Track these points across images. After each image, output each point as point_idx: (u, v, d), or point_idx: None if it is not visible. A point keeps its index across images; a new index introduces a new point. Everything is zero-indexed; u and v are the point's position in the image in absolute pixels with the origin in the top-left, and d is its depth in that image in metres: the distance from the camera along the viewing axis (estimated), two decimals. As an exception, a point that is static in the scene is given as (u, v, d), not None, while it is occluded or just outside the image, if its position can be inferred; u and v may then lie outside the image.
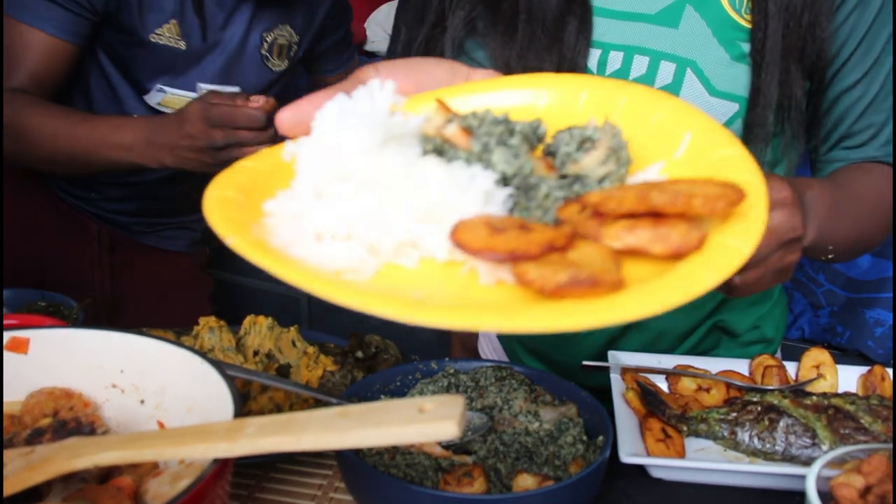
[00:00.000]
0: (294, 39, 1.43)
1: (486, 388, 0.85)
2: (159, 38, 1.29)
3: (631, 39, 0.93)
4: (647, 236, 0.43)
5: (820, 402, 0.84)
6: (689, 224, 0.43)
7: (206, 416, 0.62)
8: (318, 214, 0.46)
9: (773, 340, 1.18)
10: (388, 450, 0.75)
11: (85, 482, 0.57)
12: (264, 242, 0.45)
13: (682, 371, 0.94)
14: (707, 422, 0.85)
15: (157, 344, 0.68)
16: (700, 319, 1.14)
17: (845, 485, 0.58)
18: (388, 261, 0.46)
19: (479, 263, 0.44)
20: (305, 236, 0.46)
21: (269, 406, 0.95)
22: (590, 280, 0.40)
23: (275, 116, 0.53)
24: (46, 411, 0.64)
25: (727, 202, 0.43)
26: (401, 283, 0.44)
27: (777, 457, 0.82)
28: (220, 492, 0.55)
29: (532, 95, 0.58)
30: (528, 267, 0.41)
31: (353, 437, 0.50)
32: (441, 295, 0.44)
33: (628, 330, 1.12)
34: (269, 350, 1.06)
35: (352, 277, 0.44)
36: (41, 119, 1.20)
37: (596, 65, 0.94)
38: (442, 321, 0.39)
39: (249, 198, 0.49)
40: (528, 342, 1.23)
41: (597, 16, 0.93)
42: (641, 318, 0.39)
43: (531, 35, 0.91)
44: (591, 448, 0.77)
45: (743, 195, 0.44)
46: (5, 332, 0.67)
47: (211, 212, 0.46)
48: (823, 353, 0.94)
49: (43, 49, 1.22)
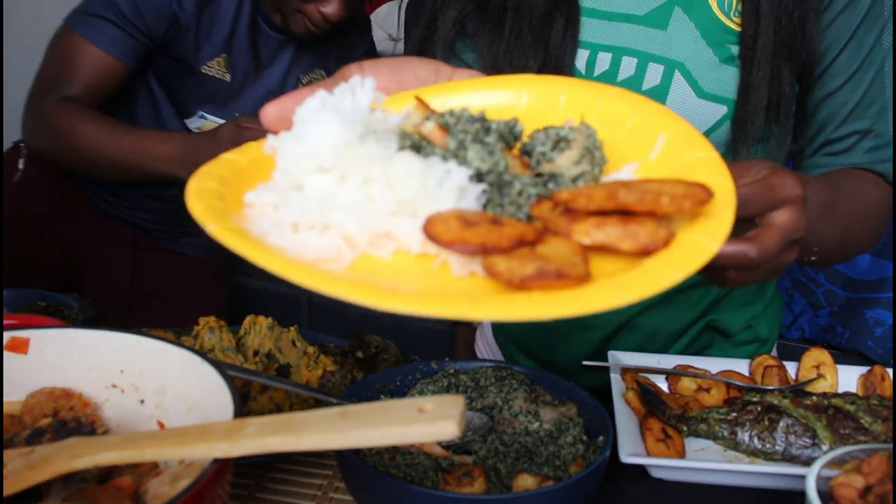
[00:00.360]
0: None
1: (486, 388, 0.85)
2: (209, 70, 1.40)
3: (619, 41, 0.93)
4: (615, 233, 0.44)
5: (820, 402, 0.84)
6: (658, 222, 0.44)
7: (206, 416, 0.62)
8: (297, 205, 0.46)
9: (768, 340, 1.18)
10: (388, 450, 0.75)
11: (85, 482, 0.57)
12: (243, 231, 0.46)
13: (682, 371, 0.94)
14: (707, 422, 0.85)
15: (157, 344, 0.68)
16: (693, 319, 1.13)
17: (845, 485, 0.58)
18: (363, 252, 0.47)
19: (452, 256, 0.45)
20: (284, 226, 0.47)
21: (269, 406, 0.95)
22: (556, 273, 0.41)
23: (259, 111, 0.54)
24: (46, 411, 0.64)
25: (694, 201, 0.44)
26: (375, 274, 0.45)
27: (777, 457, 0.82)
28: (220, 492, 0.55)
29: (513, 96, 0.59)
30: (498, 259, 0.42)
31: (353, 437, 0.50)
32: (414, 285, 0.45)
33: (621, 330, 1.11)
34: (269, 350, 1.06)
35: (328, 267, 0.45)
36: (89, 126, 1.29)
37: (584, 65, 0.94)
38: (412, 308, 0.40)
39: (231, 189, 0.50)
40: (523, 342, 1.23)
41: (585, 16, 0.93)
42: (605, 310, 0.40)
43: (518, 32, 0.91)
44: (591, 448, 0.77)
45: (710, 195, 0.45)
46: (5, 332, 0.67)
47: (192, 200, 0.47)
48: (823, 353, 0.94)
49: (98, 65, 1.32)
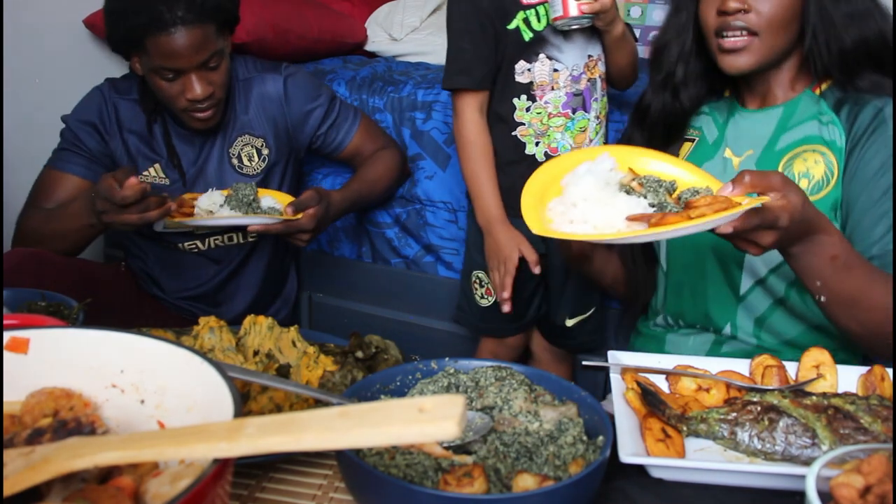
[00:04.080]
0: (257, 144, 1.74)
1: (486, 388, 0.85)
2: (146, 178, 1.66)
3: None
4: (707, 208, 0.89)
5: (820, 402, 0.84)
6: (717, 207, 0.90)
7: (206, 416, 0.62)
8: (573, 213, 0.93)
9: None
10: (388, 450, 0.75)
11: (85, 482, 0.57)
12: (545, 224, 0.94)
13: (682, 371, 0.94)
14: (707, 422, 0.85)
15: (157, 344, 0.68)
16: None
17: (845, 485, 0.58)
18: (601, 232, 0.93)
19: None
20: (565, 222, 0.93)
21: (269, 406, 0.95)
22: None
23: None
24: (46, 411, 0.64)
25: (728, 205, 0.89)
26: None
27: (777, 457, 0.82)
28: (220, 492, 0.55)
29: (676, 169, 1.04)
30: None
31: (353, 437, 0.50)
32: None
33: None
34: (269, 350, 1.06)
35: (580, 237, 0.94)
36: (32, 220, 1.61)
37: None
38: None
39: (539, 200, 0.98)
40: None
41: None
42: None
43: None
44: (591, 448, 0.77)
45: (732, 203, 0.91)
46: (5, 332, 0.67)
47: (525, 208, 0.95)
48: (823, 353, 0.94)
49: (70, 186, 1.63)
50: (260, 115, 1.74)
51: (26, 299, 1.14)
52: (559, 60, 1.54)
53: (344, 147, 1.84)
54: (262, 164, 1.74)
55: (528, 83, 1.55)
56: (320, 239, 2.16)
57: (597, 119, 1.60)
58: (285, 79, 1.75)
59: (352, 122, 1.84)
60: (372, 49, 2.53)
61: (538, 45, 1.54)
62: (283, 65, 1.79)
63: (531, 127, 1.58)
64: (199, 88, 1.54)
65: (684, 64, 1.29)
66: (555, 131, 1.58)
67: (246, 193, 1.54)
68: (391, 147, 1.90)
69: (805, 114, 1.23)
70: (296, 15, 2.24)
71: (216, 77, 1.57)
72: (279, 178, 1.77)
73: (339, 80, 2.08)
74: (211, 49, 1.52)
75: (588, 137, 1.60)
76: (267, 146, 1.74)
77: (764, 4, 1.17)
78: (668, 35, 1.30)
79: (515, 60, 1.54)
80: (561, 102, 1.56)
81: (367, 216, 2.07)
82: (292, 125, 1.77)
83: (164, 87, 1.54)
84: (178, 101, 1.56)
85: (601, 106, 1.61)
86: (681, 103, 1.31)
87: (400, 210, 2.03)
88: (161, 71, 1.52)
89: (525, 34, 1.53)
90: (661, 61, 1.32)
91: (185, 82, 1.53)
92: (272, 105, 1.74)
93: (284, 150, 1.77)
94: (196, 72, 1.53)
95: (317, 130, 1.80)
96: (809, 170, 1.20)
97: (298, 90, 1.76)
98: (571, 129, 1.58)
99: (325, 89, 1.82)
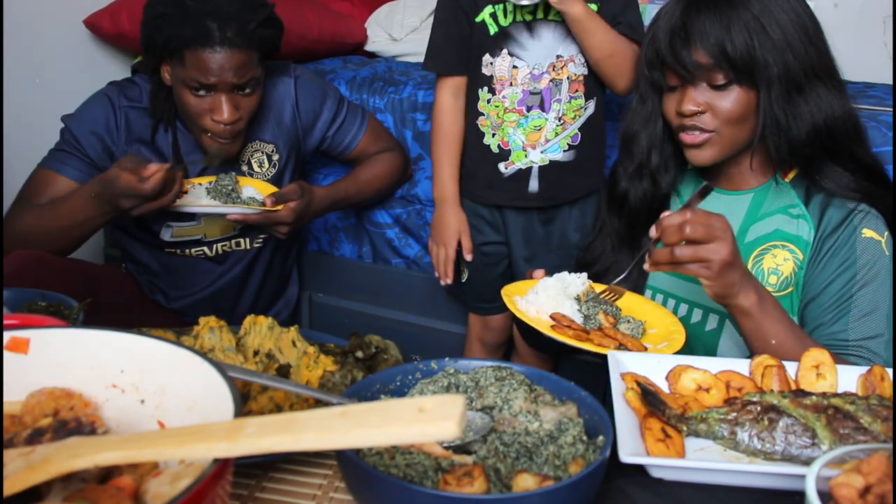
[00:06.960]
0: (268, 150, 1.72)
1: (486, 388, 0.85)
2: None
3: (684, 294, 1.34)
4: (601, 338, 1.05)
5: (819, 402, 0.84)
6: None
7: (206, 416, 0.62)
8: (532, 302, 1.12)
9: None
10: (388, 450, 0.75)
11: (85, 482, 0.57)
12: (519, 308, 1.10)
13: (682, 371, 0.94)
14: (707, 422, 0.85)
15: (157, 344, 0.68)
16: None
17: (845, 485, 0.58)
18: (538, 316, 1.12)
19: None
20: (531, 308, 1.11)
21: (269, 406, 0.95)
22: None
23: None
24: (46, 411, 0.64)
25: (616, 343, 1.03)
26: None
27: (777, 457, 0.82)
28: (220, 492, 0.55)
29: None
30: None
31: (353, 437, 0.50)
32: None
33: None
34: (269, 350, 1.06)
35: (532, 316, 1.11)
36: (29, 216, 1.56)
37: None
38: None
39: (511, 293, 1.13)
40: None
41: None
42: None
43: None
44: (591, 448, 0.77)
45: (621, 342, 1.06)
46: (5, 332, 0.67)
47: (507, 299, 1.11)
48: (823, 353, 0.94)
49: (63, 188, 1.58)
50: (270, 120, 1.72)
51: (26, 299, 1.14)
52: (520, 57, 1.57)
53: (352, 149, 1.85)
54: (273, 169, 1.73)
55: (489, 76, 1.60)
56: (321, 239, 2.16)
57: (558, 120, 1.61)
58: (295, 80, 1.74)
59: (360, 124, 1.84)
60: (372, 49, 2.53)
61: (502, 39, 1.57)
62: (291, 65, 1.77)
63: (489, 119, 1.63)
64: (226, 111, 1.51)
65: (658, 151, 1.31)
66: (508, 126, 1.61)
67: (225, 184, 1.55)
68: (394, 150, 1.90)
69: (774, 203, 1.26)
70: (296, 15, 2.24)
71: (247, 103, 1.55)
72: (287, 181, 1.76)
73: (339, 81, 2.08)
74: (249, 75, 1.51)
75: (545, 137, 1.61)
76: (277, 152, 1.73)
77: (720, 103, 1.20)
78: (636, 125, 1.32)
79: (482, 53, 1.59)
80: (517, 99, 1.59)
81: (367, 216, 2.08)
82: (303, 128, 1.76)
83: (191, 101, 1.51)
84: (203, 119, 1.53)
85: (569, 108, 1.60)
86: (660, 189, 1.33)
87: (400, 210, 2.03)
88: (193, 84, 1.49)
89: (491, 28, 1.57)
90: (631, 151, 1.34)
91: (215, 101, 1.51)
92: (283, 109, 1.73)
93: (294, 153, 1.77)
94: (228, 94, 1.50)
95: (326, 132, 1.80)
96: (778, 266, 1.23)
97: (309, 93, 1.75)
98: (524, 126, 1.61)
99: (334, 91, 1.82)
